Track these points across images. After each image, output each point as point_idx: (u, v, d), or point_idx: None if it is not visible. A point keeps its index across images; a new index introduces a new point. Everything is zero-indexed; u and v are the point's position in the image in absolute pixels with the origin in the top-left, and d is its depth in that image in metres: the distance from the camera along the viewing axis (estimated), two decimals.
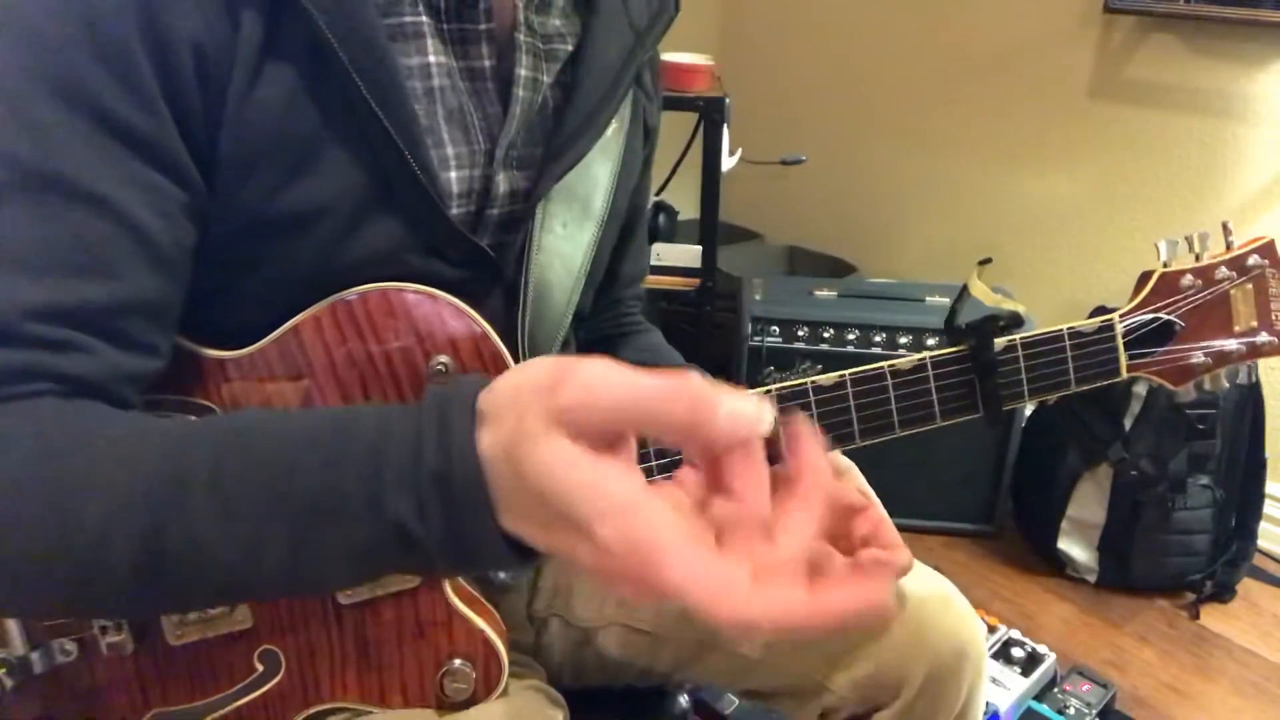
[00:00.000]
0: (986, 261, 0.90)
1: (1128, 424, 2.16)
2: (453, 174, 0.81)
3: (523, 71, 0.84)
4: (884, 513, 0.93)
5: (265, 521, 0.58)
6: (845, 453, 0.90)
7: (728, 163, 2.41)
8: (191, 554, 0.59)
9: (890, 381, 0.85)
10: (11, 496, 0.60)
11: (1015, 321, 0.85)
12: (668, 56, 2.40)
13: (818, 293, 2.42)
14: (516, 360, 0.83)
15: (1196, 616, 2.19)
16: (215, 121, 0.69)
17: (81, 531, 0.59)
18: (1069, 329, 0.87)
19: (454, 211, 0.82)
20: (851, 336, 2.29)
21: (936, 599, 0.98)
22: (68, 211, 0.64)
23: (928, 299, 2.37)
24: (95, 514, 0.59)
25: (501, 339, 0.80)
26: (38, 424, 0.62)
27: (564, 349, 0.98)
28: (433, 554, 0.57)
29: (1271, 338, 0.92)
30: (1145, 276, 0.91)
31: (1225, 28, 2.26)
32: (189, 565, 0.59)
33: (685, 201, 2.63)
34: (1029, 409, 2.40)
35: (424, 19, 0.78)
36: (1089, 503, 2.23)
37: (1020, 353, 0.86)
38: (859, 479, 0.96)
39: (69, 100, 0.64)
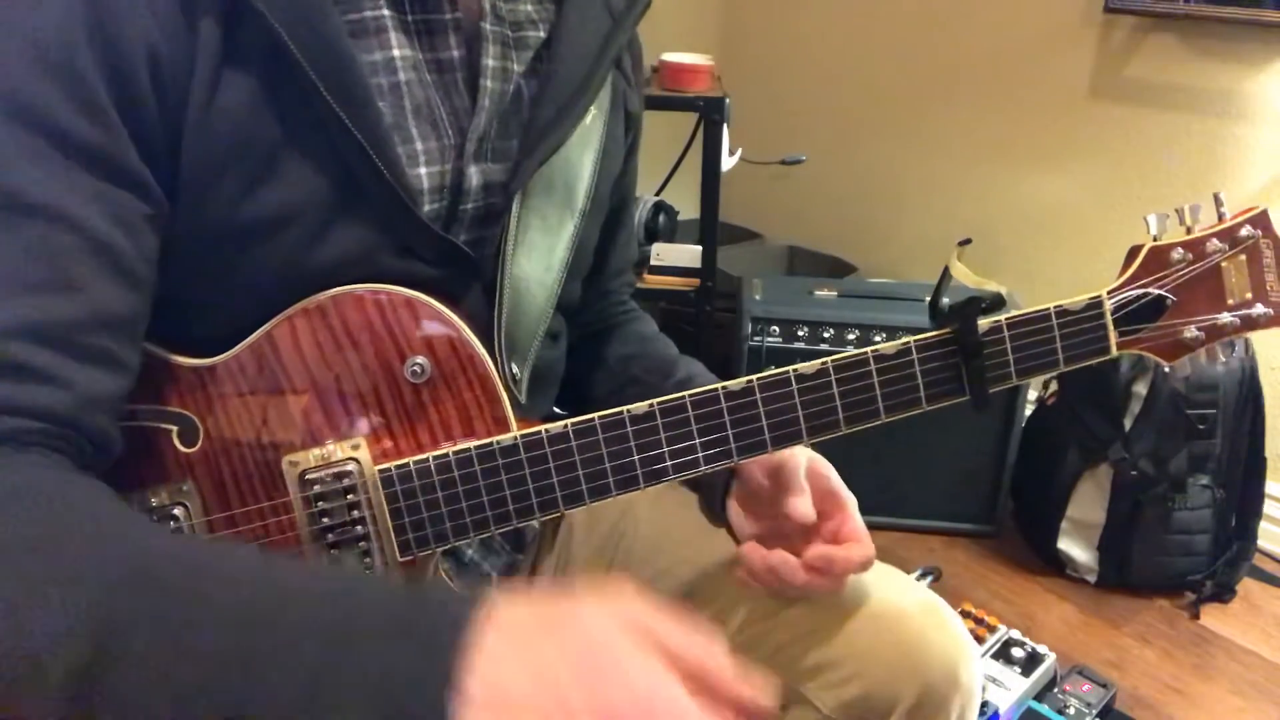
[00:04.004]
0: (966, 242, 0.89)
1: (1128, 424, 2.15)
2: (422, 170, 0.81)
3: (490, 62, 0.83)
4: (853, 509, 0.92)
5: (206, 685, 0.56)
6: (831, 440, 0.89)
7: (728, 163, 2.41)
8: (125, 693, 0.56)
9: (874, 367, 0.84)
10: None
11: (998, 303, 0.84)
12: (668, 56, 2.41)
13: (818, 293, 2.41)
14: (495, 359, 0.83)
15: (1196, 616, 2.18)
16: (176, 130, 0.69)
17: (28, 640, 0.56)
18: (1055, 307, 0.86)
19: (426, 209, 0.81)
20: (851, 336, 2.28)
21: (930, 621, 0.96)
22: (28, 227, 0.64)
23: (928, 299, 2.36)
24: (42, 625, 0.56)
25: (480, 337, 0.80)
26: (17, 501, 0.61)
27: (551, 343, 0.97)
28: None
29: (1267, 309, 0.89)
30: (1134, 251, 0.89)
31: (1225, 28, 2.25)
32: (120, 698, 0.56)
33: (685, 201, 2.63)
34: (1029, 408, 2.40)
35: (385, 12, 0.77)
36: (1089, 503, 2.22)
37: (1006, 333, 0.85)
38: (832, 475, 0.96)
39: (19, 116, 0.64)
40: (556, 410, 1.07)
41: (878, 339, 2.26)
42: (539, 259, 0.90)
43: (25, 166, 0.64)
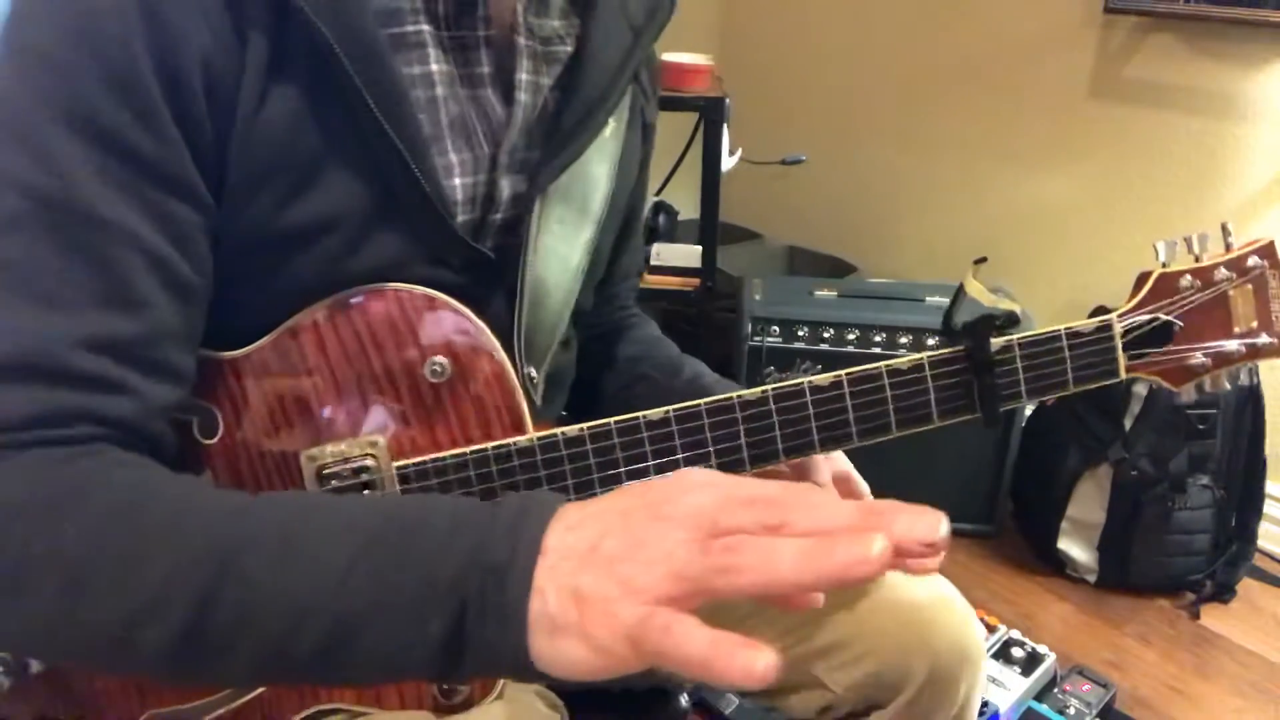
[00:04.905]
0: (982, 260, 0.90)
1: (1128, 424, 2.16)
2: (456, 181, 0.82)
3: (524, 76, 0.84)
4: (867, 491, 0.95)
5: (313, 605, 0.59)
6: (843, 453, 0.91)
7: (728, 163, 2.41)
8: (238, 618, 0.59)
9: (887, 381, 0.85)
10: (86, 545, 0.61)
11: (1011, 321, 0.85)
12: (668, 56, 2.40)
13: (818, 293, 2.41)
14: (513, 362, 0.83)
15: (1196, 616, 2.19)
16: (223, 140, 0.70)
17: (145, 583, 0.60)
18: (1067, 329, 0.87)
19: (459, 219, 0.82)
20: (851, 336, 2.28)
21: (939, 601, 0.98)
22: (89, 242, 0.65)
23: (928, 299, 2.37)
24: (161, 566, 0.60)
25: (500, 339, 0.81)
26: (106, 477, 0.64)
27: (564, 348, 0.98)
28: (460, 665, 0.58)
29: (1272, 339, 0.91)
30: (1144, 277, 0.91)
31: (1225, 28, 2.26)
32: (232, 629, 0.59)
33: (685, 201, 2.63)
34: (1029, 409, 2.40)
35: (425, 27, 0.78)
36: (1089, 503, 2.23)
37: (1018, 353, 0.87)
38: (847, 461, 0.96)
39: (81, 129, 0.64)
40: (565, 414, 1.07)
41: (878, 339, 2.27)
42: (557, 264, 0.90)
43: (89, 180, 0.65)
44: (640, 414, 0.82)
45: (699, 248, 2.47)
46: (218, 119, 0.69)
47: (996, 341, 0.85)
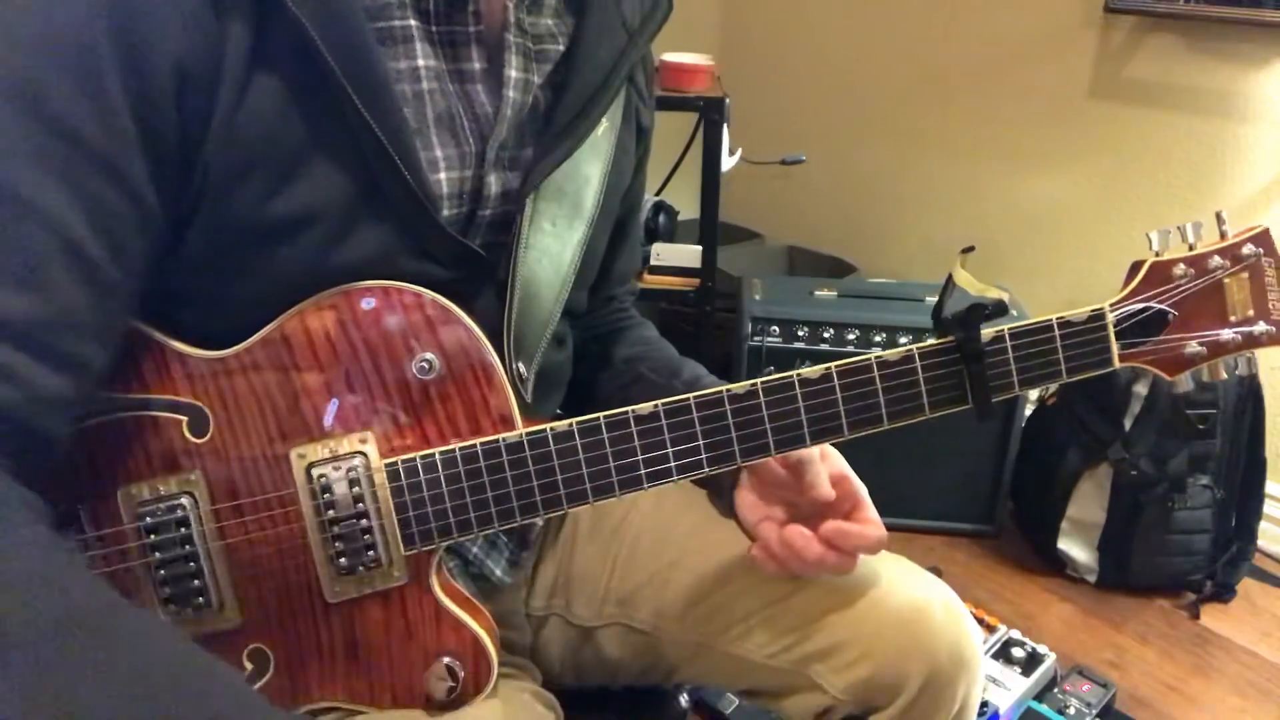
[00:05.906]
0: (969, 250, 0.90)
1: (1128, 424, 2.16)
2: (442, 176, 0.82)
3: (513, 73, 0.85)
4: (865, 493, 0.94)
5: None
6: (835, 446, 0.90)
7: (728, 163, 2.41)
8: None
9: (877, 374, 0.84)
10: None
11: (1000, 309, 0.85)
12: (668, 56, 2.41)
13: (818, 293, 2.42)
14: (503, 358, 0.83)
15: (1196, 616, 2.19)
16: (199, 138, 0.69)
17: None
18: (1058, 318, 0.87)
19: (445, 214, 0.82)
20: (851, 336, 2.28)
21: (935, 604, 0.98)
22: (4, 219, 0.63)
23: (928, 299, 2.36)
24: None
25: (490, 336, 0.81)
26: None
27: (557, 346, 0.98)
28: None
29: (1269, 327, 0.91)
30: (1136, 266, 0.90)
31: (1225, 28, 2.25)
32: None
33: (685, 201, 2.63)
34: (1029, 409, 2.40)
35: (413, 22, 0.79)
36: (1089, 503, 2.23)
37: (1009, 343, 0.86)
38: (843, 462, 0.96)
39: (16, 100, 0.63)
40: (560, 413, 1.07)
41: (878, 339, 2.27)
42: (549, 263, 0.91)
43: (19, 158, 0.64)
44: (629, 409, 0.82)
45: (699, 248, 2.47)
46: (192, 120, 0.69)
47: (987, 332, 0.85)
